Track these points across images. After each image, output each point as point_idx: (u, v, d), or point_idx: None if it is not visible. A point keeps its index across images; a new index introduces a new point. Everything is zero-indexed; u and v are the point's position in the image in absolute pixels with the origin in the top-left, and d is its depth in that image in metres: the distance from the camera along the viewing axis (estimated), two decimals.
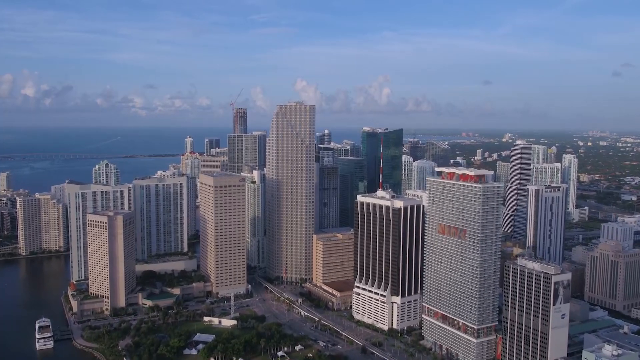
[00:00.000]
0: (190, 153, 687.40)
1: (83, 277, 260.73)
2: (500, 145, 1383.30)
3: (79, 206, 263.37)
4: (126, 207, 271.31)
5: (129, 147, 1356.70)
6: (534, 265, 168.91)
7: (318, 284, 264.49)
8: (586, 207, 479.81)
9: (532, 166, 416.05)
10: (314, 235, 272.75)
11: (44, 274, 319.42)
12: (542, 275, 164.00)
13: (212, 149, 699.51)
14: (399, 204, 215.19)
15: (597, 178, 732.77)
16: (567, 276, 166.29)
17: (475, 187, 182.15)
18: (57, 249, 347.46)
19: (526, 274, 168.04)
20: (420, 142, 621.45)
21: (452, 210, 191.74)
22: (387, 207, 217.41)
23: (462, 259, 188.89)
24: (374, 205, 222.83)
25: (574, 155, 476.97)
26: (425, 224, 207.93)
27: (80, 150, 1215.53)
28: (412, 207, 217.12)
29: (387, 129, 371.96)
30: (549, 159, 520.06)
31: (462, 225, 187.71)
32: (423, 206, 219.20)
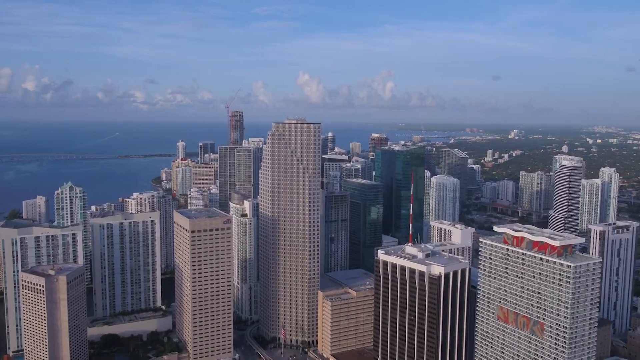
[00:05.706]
0: (181, 160, 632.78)
1: (23, 347, 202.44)
2: (507, 142, 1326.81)
3: (16, 256, 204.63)
4: (80, 255, 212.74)
5: (125, 145, 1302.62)
6: None
7: (325, 355, 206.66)
8: None
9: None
10: (320, 292, 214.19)
11: None
12: None
13: (205, 155, 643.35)
14: (437, 269, 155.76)
15: (621, 184, 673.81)
16: None
17: (562, 265, 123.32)
18: None
19: None
20: (434, 149, 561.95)
21: (522, 292, 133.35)
22: (422, 273, 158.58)
23: None
24: (402, 269, 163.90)
25: (614, 169, 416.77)
26: (478, 303, 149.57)
27: (73, 149, 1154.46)
28: (455, 274, 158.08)
29: (405, 144, 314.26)
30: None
31: (538, 316, 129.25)
32: (470, 270, 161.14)
